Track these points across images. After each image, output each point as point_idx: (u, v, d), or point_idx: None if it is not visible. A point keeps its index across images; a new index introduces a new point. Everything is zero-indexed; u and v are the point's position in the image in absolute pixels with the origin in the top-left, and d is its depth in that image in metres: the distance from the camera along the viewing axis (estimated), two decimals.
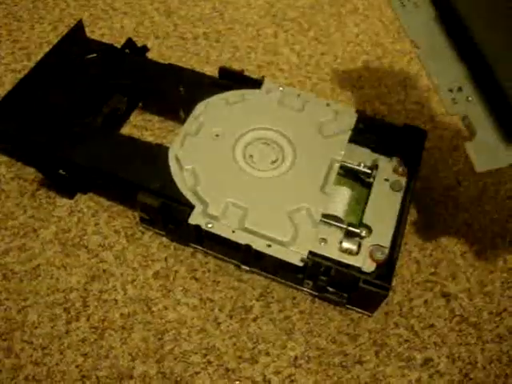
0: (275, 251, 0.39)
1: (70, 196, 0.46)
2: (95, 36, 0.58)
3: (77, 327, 0.40)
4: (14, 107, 0.47)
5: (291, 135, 0.44)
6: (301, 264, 0.38)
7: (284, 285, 0.42)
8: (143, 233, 0.45)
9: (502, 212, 0.48)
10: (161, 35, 0.59)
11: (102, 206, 0.46)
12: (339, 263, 0.39)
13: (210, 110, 0.45)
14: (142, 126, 0.51)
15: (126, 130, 0.50)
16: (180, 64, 0.53)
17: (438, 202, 0.48)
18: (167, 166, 0.42)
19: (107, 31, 0.59)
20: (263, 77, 0.48)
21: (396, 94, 0.55)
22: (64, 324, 0.40)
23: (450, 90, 0.36)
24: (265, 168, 0.43)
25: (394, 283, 0.42)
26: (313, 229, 0.40)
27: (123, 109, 0.50)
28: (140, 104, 0.52)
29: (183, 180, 0.41)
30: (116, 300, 0.41)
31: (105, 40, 0.57)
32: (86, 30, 0.53)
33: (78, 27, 0.52)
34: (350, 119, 0.46)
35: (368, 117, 0.46)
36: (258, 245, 0.39)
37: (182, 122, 0.46)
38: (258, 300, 0.42)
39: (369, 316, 0.42)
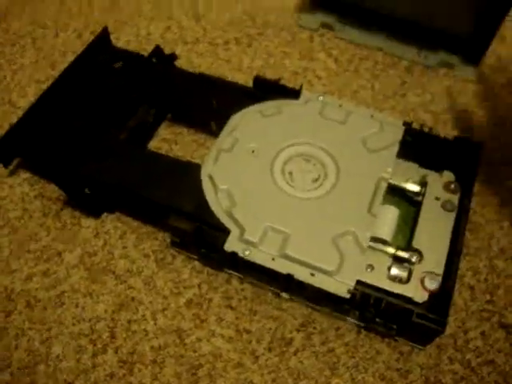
0: (319, 281, 0.35)
1: (96, 216, 0.43)
2: (121, 43, 0.55)
3: (104, 361, 0.37)
4: (37, 120, 0.44)
5: (334, 150, 0.41)
6: (348, 296, 0.35)
7: (327, 314, 0.39)
8: (174, 256, 0.42)
9: None
10: (190, 41, 0.55)
11: (130, 226, 0.43)
12: (388, 293, 0.36)
13: (245, 124, 0.42)
14: (171, 140, 0.47)
15: (154, 144, 0.47)
16: (211, 71, 0.51)
17: (492, 220, 0.44)
18: (200, 186, 0.39)
19: (133, 38, 0.56)
20: (301, 86, 0.44)
21: (442, 102, 0.51)
22: (90, 357, 0.37)
23: None
24: (306, 187, 0.39)
25: None
26: (360, 256, 0.36)
27: (151, 121, 0.47)
28: (169, 115, 0.49)
29: (218, 201, 0.38)
30: (146, 331, 0.38)
31: (131, 47, 0.55)
32: (112, 36, 0.50)
33: (103, 35, 0.49)
34: (396, 132, 0.42)
35: (416, 130, 0.43)
36: (301, 274, 0.35)
37: (214, 134, 0.43)
38: (298, 331, 0.39)
39: (420, 349, 0.38)
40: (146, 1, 0.59)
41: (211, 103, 0.44)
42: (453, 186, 0.40)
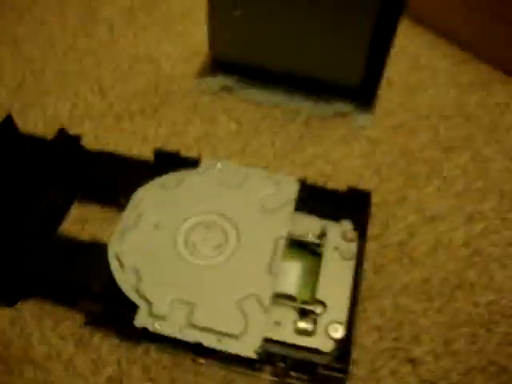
0: (227, 346, 0.37)
1: (11, 304, 0.44)
2: (29, 125, 0.56)
3: None
4: None
5: (233, 215, 0.43)
6: (254, 356, 0.36)
7: (244, 374, 0.40)
8: (91, 335, 0.42)
9: (458, 261, 0.47)
10: (96, 117, 0.57)
11: (47, 310, 0.43)
12: (296, 347, 0.38)
13: (148, 198, 0.44)
14: (83, 219, 0.48)
15: (65, 226, 0.48)
16: (117, 146, 0.52)
17: (393, 259, 0.47)
18: (107, 265, 0.40)
19: (41, 118, 0.57)
20: (200, 156, 0.47)
21: (339, 151, 0.54)
22: None
23: None
24: (208, 255, 0.41)
25: (355, 356, 0.40)
26: (263, 315, 0.38)
27: (61, 203, 0.48)
28: (79, 194, 0.50)
29: (125, 279, 0.40)
30: None
31: (40, 128, 0.56)
32: (19, 119, 0.52)
33: (8, 122, 0.50)
34: (291, 189, 0.44)
35: (310, 185, 0.45)
36: (209, 341, 0.37)
37: (123, 209, 0.44)
38: None
39: None
40: (52, 80, 0.61)
41: (117, 180, 0.46)
42: (349, 234, 0.43)
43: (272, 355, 0.37)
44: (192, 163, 0.46)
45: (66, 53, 0.64)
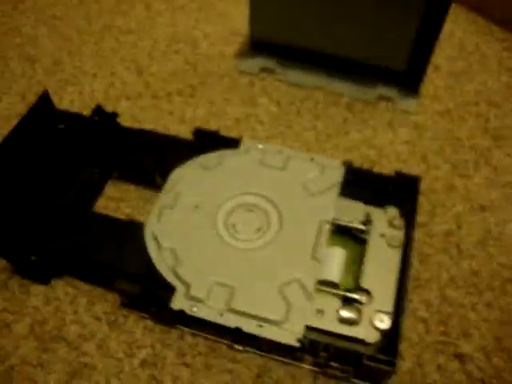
0: (268, 332, 0.35)
1: (45, 282, 0.43)
2: (65, 103, 0.55)
3: None
4: None
5: (275, 198, 0.41)
6: (297, 344, 0.35)
7: (282, 362, 0.39)
8: (126, 317, 0.41)
9: (510, 254, 0.44)
10: (132, 96, 0.56)
11: (81, 290, 0.42)
12: (339, 336, 0.36)
13: (186, 178, 0.42)
14: (117, 198, 0.47)
15: (101, 203, 0.47)
16: (154, 125, 0.51)
17: (440, 249, 0.44)
18: (144, 245, 0.39)
19: (77, 96, 0.56)
20: (241, 136, 0.45)
21: (384, 135, 0.52)
22: None
23: None
24: (249, 238, 0.39)
25: (401, 348, 0.38)
26: (307, 302, 0.36)
27: (96, 181, 0.47)
28: (115, 174, 0.49)
29: (162, 260, 0.38)
30: None
31: (76, 106, 0.55)
32: (56, 96, 0.51)
33: (44, 98, 0.49)
34: (336, 173, 0.42)
35: (356, 168, 0.43)
36: (249, 326, 0.35)
37: (160, 189, 0.43)
38: (255, 382, 0.38)
39: None
40: (89, 58, 0.60)
41: (154, 158, 0.45)
42: (397, 221, 0.41)
43: (314, 344, 0.35)
44: (232, 143, 0.45)
45: (103, 32, 0.63)
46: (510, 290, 0.42)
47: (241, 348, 0.39)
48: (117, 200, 0.47)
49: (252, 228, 0.40)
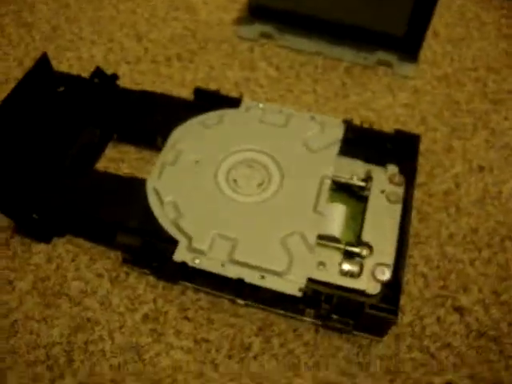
0: (270, 283, 0.35)
1: (47, 241, 0.43)
2: (64, 67, 0.55)
3: None
4: None
5: (276, 154, 0.41)
6: (299, 294, 0.35)
7: (284, 316, 0.39)
8: (128, 274, 0.41)
9: (508, 213, 0.45)
10: (132, 60, 0.56)
11: (82, 248, 0.43)
12: (341, 288, 0.36)
13: (187, 136, 0.42)
14: (118, 159, 0.47)
15: (101, 164, 0.47)
16: (154, 89, 0.51)
17: (439, 208, 0.45)
18: (146, 200, 0.39)
19: (76, 62, 0.56)
20: (241, 95, 0.45)
21: (383, 99, 0.52)
22: None
23: None
24: (251, 192, 0.40)
25: (401, 302, 0.39)
26: (309, 254, 0.36)
27: (97, 142, 0.47)
28: (115, 135, 0.49)
29: (164, 214, 0.38)
30: (103, 351, 0.38)
31: (74, 71, 0.55)
32: (54, 62, 0.50)
33: (43, 60, 0.49)
34: (337, 131, 0.43)
35: (356, 126, 0.44)
36: (251, 277, 0.36)
37: (160, 150, 0.43)
38: (257, 335, 0.39)
39: (378, 341, 0.38)
40: (87, 25, 0.60)
41: (154, 118, 0.45)
42: (397, 178, 0.41)
43: (317, 295, 0.36)
44: (233, 103, 0.45)
45: None
46: (508, 246, 0.43)
47: (242, 302, 0.39)
48: (117, 161, 0.47)
49: (253, 183, 0.40)
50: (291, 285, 0.35)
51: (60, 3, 0.62)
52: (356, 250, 0.37)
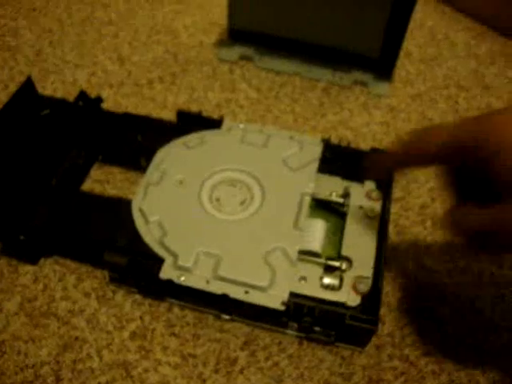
0: (254, 297, 0.37)
1: (34, 262, 0.44)
2: (48, 91, 0.56)
3: None
4: None
5: (257, 173, 0.43)
6: (282, 308, 0.36)
7: (268, 330, 0.40)
8: (115, 292, 0.42)
9: None
10: (115, 84, 0.57)
11: (69, 268, 0.43)
12: (322, 301, 0.37)
13: (171, 157, 0.44)
14: (103, 180, 0.48)
15: (87, 186, 0.48)
16: (137, 111, 0.52)
17: (416, 222, 0.47)
18: (132, 220, 0.40)
19: (60, 85, 0.57)
20: (222, 116, 0.47)
21: (359, 117, 0.54)
22: None
23: None
24: (233, 211, 0.41)
25: (381, 313, 0.40)
26: (291, 268, 0.38)
27: (82, 164, 0.48)
28: (100, 157, 0.50)
29: (150, 233, 0.39)
30: (92, 368, 0.38)
31: (58, 94, 0.56)
32: (38, 85, 0.51)
33: (28, 84, 0.50)
34: (315, 149, 0.44)
35: (334, 145, 0.45)
36: (235, 293, 0.37)
37: (144, 171, 0.44)
38: (242, 349, 0.40)
39: (360, 352, 0.40)
40: (70, 49, 0.61)
41: (138, 140, 0.46)
42: (374, 194, 0.43)
43: (299, 308, 0.37)
44: (214, 124, 0.46)
45: (84, 23, 0.64)
46: (483, 256, 0.45)
47: (228, 317, 0.40)
48: (102, 182, 0.48)
49: (236, 201, 0.41)
50: (274, 299, 0.36)
51: (43, 28, 0.64)
52: (336, 263, 0.39)
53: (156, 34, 0.63)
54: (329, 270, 0.39)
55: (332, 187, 0.43)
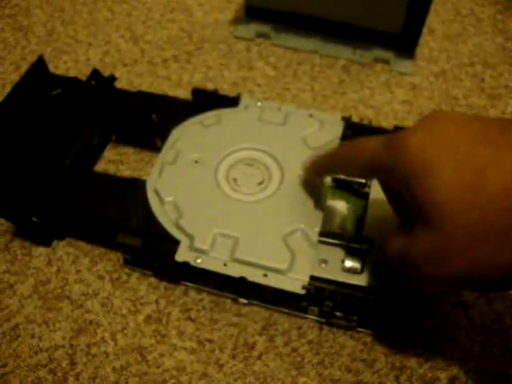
0: (273, 281, 0.35)
1: (47, 244, 0.43)
2: (61, 71, 0.55)
3: None
4: None
5: (276, 152, 0.41)
6: (302, 292, 0.35)
7: (287, 314, 0.39)
8: (129, 275, 0.41)
9: None
10: (129, 63, 0.56)
11: (82, 250, 0.42)
12: (344, 285, 0.36)
13: (186, 135, 0.42)
14: (117, 160, 0.47)
15: (100, 167, 0.47)
16: (151, 90, 0.51)
17: None
18: (146, 201, 0.39)
19: (73, 64, 0.56)
20: (239, 94, 0.45)
21: (381, 96, 0.52)
22: None
23: None
24: (251, 191, 0.39)
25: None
26: (311, 251, 0.36)
27: (95, 144, 0.47)
28: (113, 137, 0.49)
29: (165, 214, 0.38)
30: (106, 353, 0.38)
31: (71, 74, 0.55)
32: (51, 65, 0.50)
33: (39, 63, 0.49)
34: (336, 128, 0.43)
35: (355, 123, 0.43)
36: (254, 276, 0.35)
37: (159, 150, 0.43)
38: (260, 335, 0.38)
39: (383, 337, 0.38)
40: (83, 28, 0.60)
41: (152, 119, 0.45)
42: None
43: (320, 292, 0.36)
44: (231, 102, 0.45)
45: (96, 2, 0.63)
46: None
47: (245, 301, 0.39)
48: (116, 162, 0.47)
49: (253, 181, 0.40)
50: (294, 283, 0.35)
51: (55, 7, 0.62)
52: (358, 246, 0.37)
53: (170, 12, 0.61)
54: (350, 252, 0.37)
55: None
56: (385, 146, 0.29)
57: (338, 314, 0.37)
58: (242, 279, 0.35)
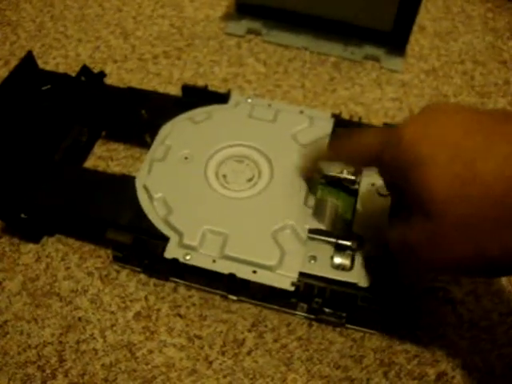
0: (262, 277, 0.35)
1: (36, 240, 0.42)
2: (50, 66, 0.55)
3: None
4: None
5: (266, 149, 0.41)
6: (292, 288, 0.35)
7: (276, 311, 0.39)
8: (118, 272, 0.41)
9: None
10: (119, 59, 0.55)
11: (72, 247, 0.42)
12: (333, 281, 0.36)
13: (176, 132, 0.42)
14: (107, 157, 0.47)
15: (90, 163, 0.47)
16: (141, 86, 0.51)
17: None
18: (136, 197, 0.39)
19: (62, 60, 0.56)
20: (229, 90, 0.45)
21: (371, 93, 0.52)
22: None
23: None
24: (241, 187, 0.39)
25: None
26: (300, 247, 0.36)
27: (85, 140, 0.47)
28: (103, 133, 0.48)
29: (154, 210, 0.38)
30: (95, 349, 0.37)
31: (61, 69, 0.54)
32: (40, 61, 0.50)
33: (28, 59, 0.48)
34: (326, 124, 0.43)
35: (345, 120, 0.44)
36: (243, 272, 0.35)
37: (149, 147, 0.43)
38: (250, 331, 0.38)
39: (372, 334, 0.38)
40: (73, 23, 0.59)
41: (142, 115, 0.44)
42: None
43: (309, 289, 0.36)
44: (221, 98, 0.45)
45: None
46: None
47: (235, 298, 0.39)
48: (106, 159, 0.47)
49: (243, 178, 0.40)
50: (283, 279, 0.35)
51: (44, 2, 0.62)
52: (347, 243, 0.37)
53: (161, 7, 0.61)
54: (340, 249, 0.37)
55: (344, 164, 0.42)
56: (385, 137, 0.30)
57: (327, 310, 0.38)
58: (232, 276, 0.35)
